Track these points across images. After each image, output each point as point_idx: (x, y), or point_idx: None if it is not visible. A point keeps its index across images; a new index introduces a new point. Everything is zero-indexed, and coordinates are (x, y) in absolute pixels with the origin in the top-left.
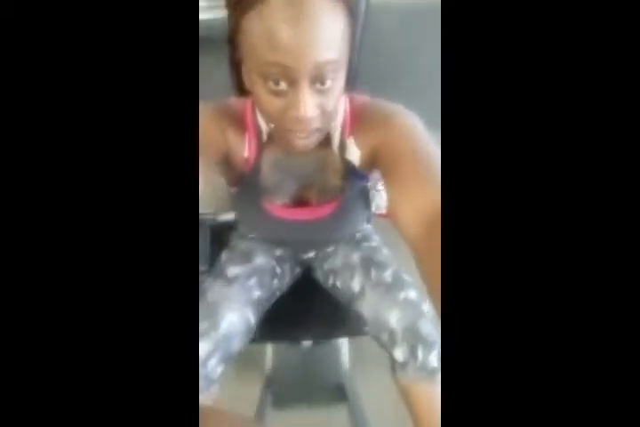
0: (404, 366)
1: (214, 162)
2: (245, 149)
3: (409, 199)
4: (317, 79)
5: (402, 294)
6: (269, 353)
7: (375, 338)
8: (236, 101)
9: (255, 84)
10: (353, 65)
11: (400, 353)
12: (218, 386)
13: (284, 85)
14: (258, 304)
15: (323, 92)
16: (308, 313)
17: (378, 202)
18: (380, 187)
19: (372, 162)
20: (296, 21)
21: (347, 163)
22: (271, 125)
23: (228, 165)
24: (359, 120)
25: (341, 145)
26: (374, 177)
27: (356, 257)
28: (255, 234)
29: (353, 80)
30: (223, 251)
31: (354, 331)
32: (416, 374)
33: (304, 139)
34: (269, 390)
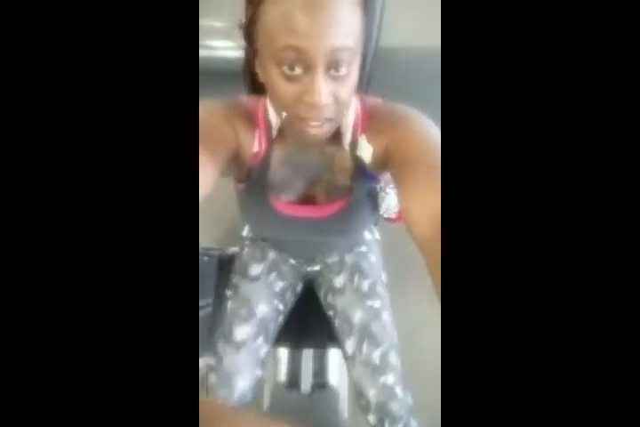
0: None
1: (225, 159)
2: (255, 145)
3: (419, 201)
4: (332, 65)
5: (382, 379)
6: (267, 394)
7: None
8: (246, 99)
9: (270, 73)
10: (367, 61)
11: (372, 419)
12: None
13: (299, 70)
14: (265, 357)
15: (337, 79)
16: (309, 321)
17: (387, 204)
18: (390, 189)
19: (383, 162)
20: (313, 7)
21: (356, 162)
22: (284, 114)
23: (237, 161)
24: (372, 120)
25: (352, 143)
26: (385, 179)
27: (356, 318)
28: (260, 233)
29: (367, 81)
30: (227, 291)
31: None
32: None
33: (316, 127)
34: None
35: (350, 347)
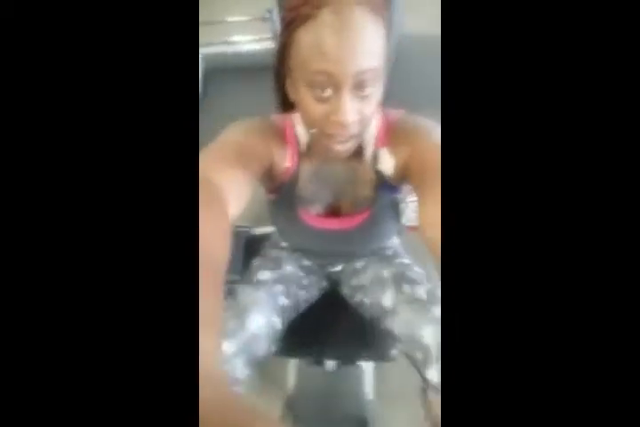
0: (438, 387)
1: (260, 174)
2: (287, 160)
3: (436, 214)
4: (358, 86)
5: (438, 310)
6: (292, 371)
7: (408, 357)
8: (277, 117)
9: (301, 94)
10: (386, 75)
11: (435, 373)
12: (242, 388)
13: (329, 92)
14: (283, 311)
15: (363, 98)
16: (333, 332)
17: (409, 214)
18: (411, 199)
19: (404, 175)
20: (342, 33)
21: (378, 174)
22: (312, 131)
23: (269, 175)
24: (393, 133)
25: (374, 156)
26: (405, 190)
27: (386, 273)
28: (288, 241)
29: (386, 92)
30: (256, 258)
31: (379, 355)
32: None
33: (342, 143)
34: (290, 411)
35: (389, 297)
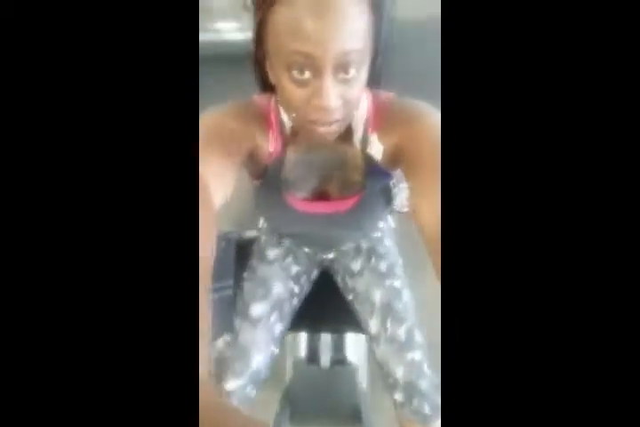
0: (402, 406)
1: (242, 159)
2: (270, 144)
3: (429, 200)
4: (341, 68)
5: (409, 355)
6: (289, 366)
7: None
8: (259, 99)
9: (279, 76)
10: (378, 59)
11: (399, 397)
12: (252, 405)
13: (308, 75)
14: (280, 336)
15: (346, 81)
16: (326, 307)
17: (400, 200)
18: (403, 185)
19: (395, 159)
20: (321, 12)
21: (368, 159)
22: (293, 115)
23: (252, 159)
24: (383, 117)
25: (363, 141)
26: (397, 174)
27: (377, 297)
28: (276, 228)
29: (379, 77)
30: (244, 273)
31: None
32: (412, 417)
33: (325, 127)
34: (287, 404)
35: (374, 326)
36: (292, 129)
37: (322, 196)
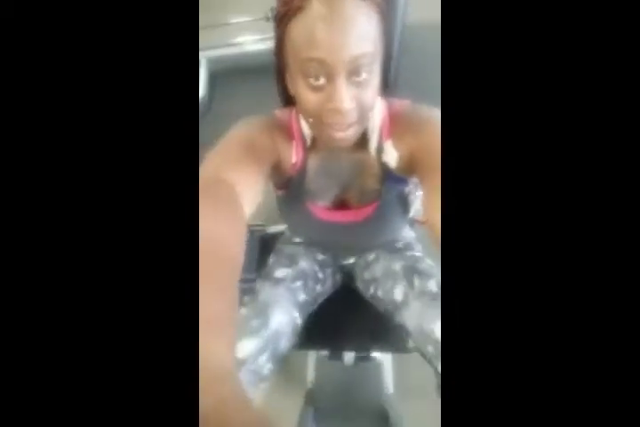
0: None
1: (269, 170)
2: (293, 155)
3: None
4: (353, 72)
5: None
6: (311, 366)
7: (419, 351)
8: (281, 113)
9: (297, 85)
10: (391, 63)
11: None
12: (267, 384)
13: (322, 80)
14: (303, 306)
15: (359, 84)
16: (349, 324)
17: (417, 207)
18: (420, 192)
19: (410, 167)
20: (331, 20)
21: (384, 167)
22: (310, 120)
23: (277, 171)
24: (398, 124)
25: (379, 148)
26: (413, 182)
27: (397, 266)
28: (299, 236)
29: (393, 82)
30: (270, 254)
31: (395, 347)
32: None
33: (341, 131)
34: (311, 405)
35: (399, 293)
36: (312, 139)
37: (342, 204)
